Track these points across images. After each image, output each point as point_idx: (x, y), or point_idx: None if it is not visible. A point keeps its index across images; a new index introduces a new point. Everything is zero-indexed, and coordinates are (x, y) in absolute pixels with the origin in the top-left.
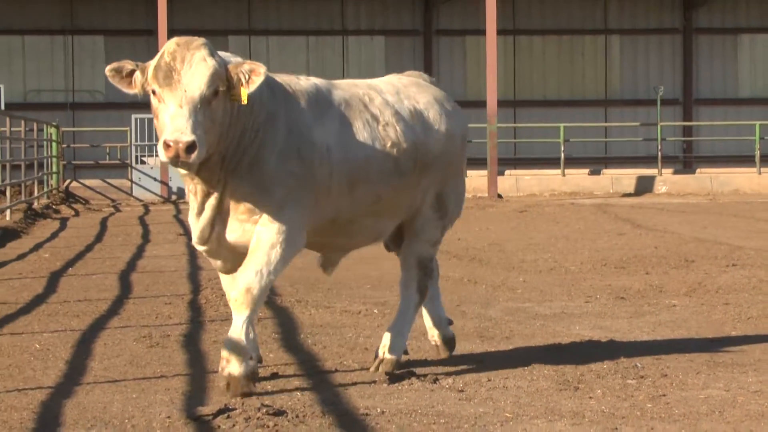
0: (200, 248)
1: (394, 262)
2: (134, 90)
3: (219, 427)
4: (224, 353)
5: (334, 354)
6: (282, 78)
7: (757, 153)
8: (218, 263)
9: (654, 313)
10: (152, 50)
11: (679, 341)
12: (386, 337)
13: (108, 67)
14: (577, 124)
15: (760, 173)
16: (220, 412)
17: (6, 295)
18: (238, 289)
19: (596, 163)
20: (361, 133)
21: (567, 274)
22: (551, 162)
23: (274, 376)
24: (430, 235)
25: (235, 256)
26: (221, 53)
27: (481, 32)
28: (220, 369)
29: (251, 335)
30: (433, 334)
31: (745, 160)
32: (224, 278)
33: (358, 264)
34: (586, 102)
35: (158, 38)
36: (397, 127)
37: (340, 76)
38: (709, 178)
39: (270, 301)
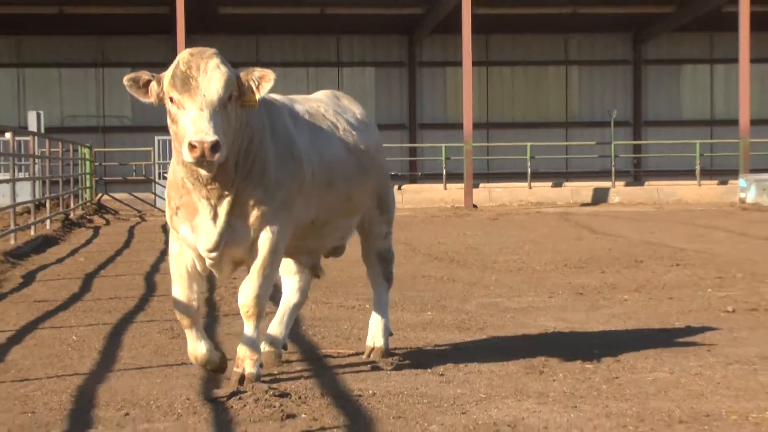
0: (208, 255)
1: None
2: (150, 99)
3: (232, 407)
4: (240, 354)
5: (331, 343)
6: None
7: (698, 168)
8: (218, 269)
9: (608, 306)
10: None
11: (630, 331)
12: (371, 328)
13: (126, 77)
14: (541, 143)
15: (700, 185)
16: (233, 394)
17: (47, 294)
18: (248, 300)
19: (558, 176)
20: (329, 138)
21: (533, 273)
22: (519, 176)
23: (280, 362)
24: (379, 231)
25: (234, 258)
26: None
27: (459, 64)
28: (235, 366)
29: (260, 337)
30: (268, 343)
31: (687, 174)
32: (181, 286)
33: (351, 266)
34: (549, 124)
35: None
36: (353, 133)
37: None
38: (656, 190)
39: (276, 298)
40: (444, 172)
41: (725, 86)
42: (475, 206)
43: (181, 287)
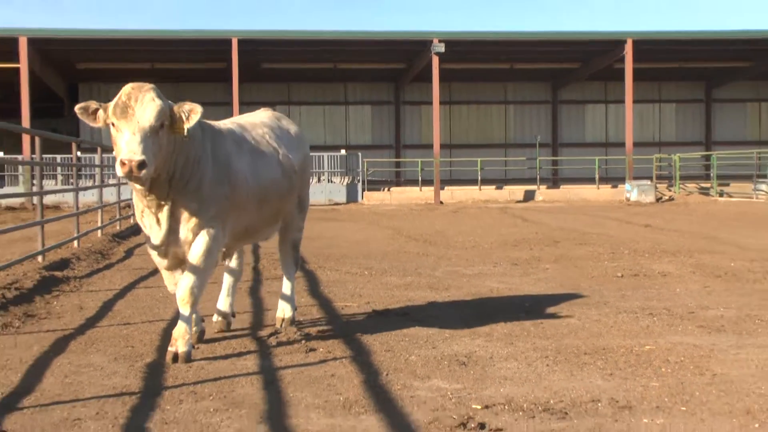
0: (154, 250)
1: (379, 243)
2: (98, 124)
3: (272, 343)
4: (174, 335)
5: (341, 299)
6: (209, 123)
7: (597, 176)
8: (164, 262)
9: (535, 273)
10: (228, 116)
11: (550, 290)
12: (282, 303)
13: (77, 106)
14: (488, 159)
15: (598, 188)
16: (272, 334)
17: (142, 263)
18: (184, 291)
19: (500, 182)
20: (267, 164)
21: (482, 249)
22: (472, 181)
23: (305, 312)
24: (297, 226)
25: (178, 255)
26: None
27: (430, 103)
28: (169, 346)
29: (192, 326)
30: (219, 315)
31: (589, 180)
32: (166, 275)
33: (354, 245)
34: (494, 145)
35: (232, 107)
36: (289, 156)
37: (344, 132)
38: (568, 191)
39: (302, 267)
40: (420, 179)
41: (615, 119)
42: (441, 203)
43: (165, 276)
